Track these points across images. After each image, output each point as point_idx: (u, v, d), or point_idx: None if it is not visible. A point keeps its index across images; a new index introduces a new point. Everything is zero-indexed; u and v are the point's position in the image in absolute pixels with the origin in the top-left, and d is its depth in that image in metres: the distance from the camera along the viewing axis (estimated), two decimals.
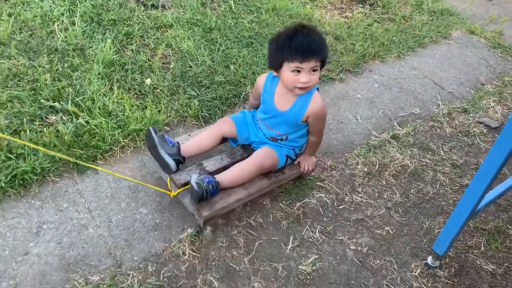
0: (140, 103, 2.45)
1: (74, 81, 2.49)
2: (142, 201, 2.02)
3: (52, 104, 2.32)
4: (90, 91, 2.41)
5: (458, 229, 1.79)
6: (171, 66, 2.77)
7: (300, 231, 2.00)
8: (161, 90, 2.57)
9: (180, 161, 2.00)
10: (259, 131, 2.15)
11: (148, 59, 2.79)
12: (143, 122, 2.31)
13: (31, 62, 2.58)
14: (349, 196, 2.20)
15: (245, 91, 2.69)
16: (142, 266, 1.77)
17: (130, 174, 2.11)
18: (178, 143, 2.03)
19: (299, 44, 1.82)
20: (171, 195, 1.96)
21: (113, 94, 2.44)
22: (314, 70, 1.87)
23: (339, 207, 2.15)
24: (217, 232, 1.94)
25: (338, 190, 2.22)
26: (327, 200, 2.16)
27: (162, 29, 3.10)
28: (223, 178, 1.94)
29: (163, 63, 2.80)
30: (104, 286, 1.68)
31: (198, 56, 2.86)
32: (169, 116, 2.44)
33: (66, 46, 2.73)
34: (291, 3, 3.64)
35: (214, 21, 3.21)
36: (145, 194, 2.04)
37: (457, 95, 3.05)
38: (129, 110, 2.35)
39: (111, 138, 2.20)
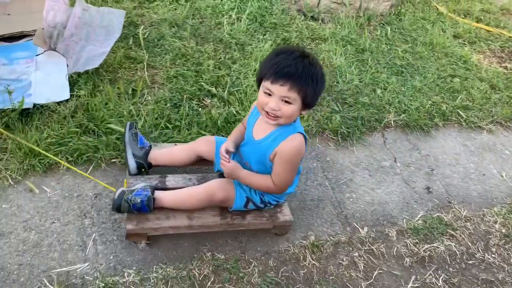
0: None
1: (232, 73, 2.67)
2: None
3: (210, 88, 2.51)
4: (244, 84, 2.57)
5: None
6: None
7: (423, 274, 1.92)
8: None
9: (143, 165, 1.88)
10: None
11: None
12: None
13: (198, 46, 2.82)
14: (480, 253, 2.06)
15: (387, 118, 2.66)
16: (263, 259, 1.83)
17: None
18: (150, 146, 1.92)
19: (279, 62, 1.53)
20: None
21: None
22: (286, 101, 1.55)
23: (468, 262, 2.01)
24: (339, 249, 1.94)
25: (470, 244, 2.09)
26: (457, 251, 2.04)
27: (316, 40, 3.20)
28: (165, 196, 1.76)
29: None
30: (228, 266, 1.76)
31: (347, 74, 2.89)
32: (309, 124, 2.50)
33: (230, 39, 2.94)
34: (449, 41, 3.51)
35: (368, 44, 3.22)
36: None
37: None
38: None
39: None
